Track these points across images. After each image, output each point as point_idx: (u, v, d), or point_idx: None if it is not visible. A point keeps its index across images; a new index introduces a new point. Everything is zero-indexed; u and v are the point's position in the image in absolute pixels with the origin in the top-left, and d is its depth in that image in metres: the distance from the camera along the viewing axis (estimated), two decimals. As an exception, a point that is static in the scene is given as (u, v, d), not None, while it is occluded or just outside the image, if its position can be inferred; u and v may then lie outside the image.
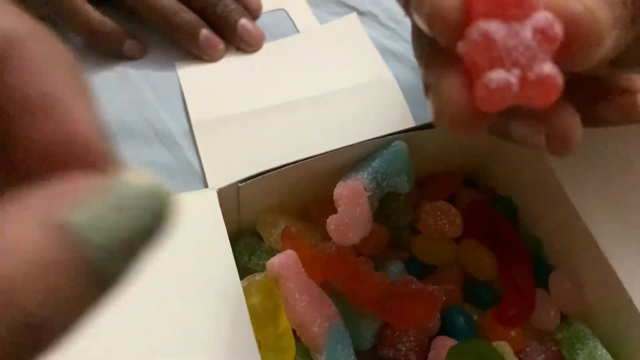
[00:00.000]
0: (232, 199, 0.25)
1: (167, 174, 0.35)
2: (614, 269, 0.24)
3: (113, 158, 0.12)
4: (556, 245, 0.27)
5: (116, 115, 0.37)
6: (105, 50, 0.40)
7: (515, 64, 0.15)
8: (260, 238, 0.28)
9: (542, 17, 0.15)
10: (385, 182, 0.26)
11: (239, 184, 0.25)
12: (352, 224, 0.24)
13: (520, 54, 0.15)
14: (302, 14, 0.43)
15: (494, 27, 0.15)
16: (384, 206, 0.28)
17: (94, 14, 0.39)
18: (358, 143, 0.26)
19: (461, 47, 0.15)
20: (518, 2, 0.15)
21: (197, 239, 0.23)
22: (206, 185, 0.34)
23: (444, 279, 0.28)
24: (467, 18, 0.15)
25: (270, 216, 0.27)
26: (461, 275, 0.28)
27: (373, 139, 0.26)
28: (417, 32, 0.20)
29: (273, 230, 0.27)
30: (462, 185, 0.30)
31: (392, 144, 0.26)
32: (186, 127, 0.37)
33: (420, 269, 0.28)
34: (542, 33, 0.15)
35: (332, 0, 0.44)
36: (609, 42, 0.16)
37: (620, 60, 0.21)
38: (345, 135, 0.32)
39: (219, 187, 0.25)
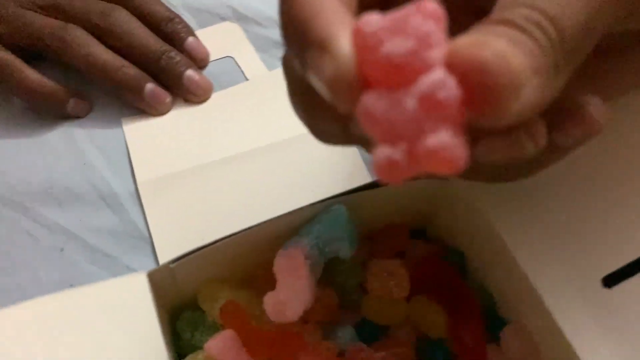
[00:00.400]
0: (166, 278, 0.24)
1: (114, 239, 0.34)
2: (559, 325, 0.23)
3: None
4: (507, 298, 0.27)
5: (61, 180, 0.36)
6: (48, 111, 0.39)
7: (402, 137, 0.14)
8: (204, 312, 0.27)
9: (427, 81, 0.13)
10: (327, 248, 0.25)
11: (171, 265, 0.24)
12: (290, 301, 0.23)
13: (405, 127, 0.14)
14: (250, 61, 0.43)
15: (373, 100, 0.14)
16: (331, 269, 0.27)
17: (33, 76, 0.38)
18: (299, 208, 0.26)
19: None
20: (402, 68, 0.14)
21: (126, 328, 0.22)
22: (154, 250, 0.33)
23: (396, 340, 0.27)
24: (364, 85, 0.14)
25: (212, 289, 0.26)
26: (413, 334, 0.27)
27: (314, 203, 0.26)
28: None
29: (215, 304, 0.26)
30: (410, 238, 0.30)
31: (332, 208, 0.26)
32: (132, 188, 0.36)
33: (372, 331, 0.27)
34: (427, 100, 0.13)
35: (279, 46, 0.44)
36: (531, 91, 0.14)
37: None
38: (292, 193, 0.31)
39: (149, 269, 0.24)
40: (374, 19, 0.14)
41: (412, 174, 0.14)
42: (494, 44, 0.14)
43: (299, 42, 0.16)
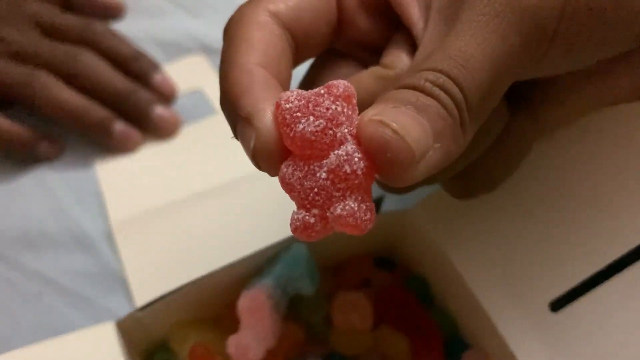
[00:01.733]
0: (135, 325, 0.25)
1: (90, 282, 0.35)
2: (512, 350, 0.24)
3: None
4: (466, 323, 0.28)
5: (34, 224, 0.37)
6: (19, 156, 0.40)
7: (314, 204, 0.16)
8: (176, 353, 0.27)
9: (335, 156, 0.15)
10: (289, 287, 0.26)
11: (137, 314, 0.25)
12: (252, 343, 0.24)
13: (317, 194, 0.16)
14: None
15: (290, 170, 0.16)
16: (296, 304, 0.28)
17: (0, 120, 0.39)
18: (262, 249, 0.27)
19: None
20: (315, 143, 0.15)
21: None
22: (128, 291, 0.34)
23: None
24: (287, 154, 0.16)
25: (181, 330, 0.27)
26: (381, 362, 0.28)
27: (276, 243, 0.27)
28: None
29: (184, 345, 0.27)
30: (374, 268, 0.31)
31: (291, 247, 0.27)
32: (105, 228, 0.37)
33: (340, 361, 0.28)
34: (336, 172, 0.15)
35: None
36: (436, 154, 0.16)
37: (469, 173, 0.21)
38: (260, 229, 0.32)
39: (117, 318, 0.24)
40: (291, 97, 0.16)
41: (325, 234, 0.15)
42: (396, 119, 0.15)
43: (230, 114, 0.17)
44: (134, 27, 0.45)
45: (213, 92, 0.44)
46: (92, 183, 0.39)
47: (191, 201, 0.36)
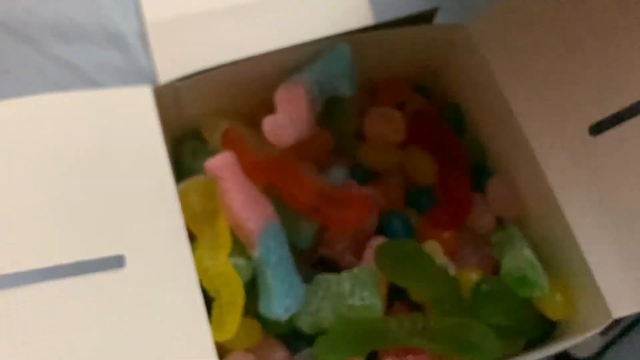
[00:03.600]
0: (171, 99, 0.25)
1: (119, 78, 0.35)
2: (547, 178, 0.24)
3: None
4: (498, 153, 0.28)
5: (67, 15, 0.36)
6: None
7: None
8: (206, 141, 0.28)
9: None
10: (328, 86, 0.26)
11: (176, 83, 0.24)
12: (288, 126, 0.24)
13: None
14: None
15: None
16: (329, 112, 0.27)
17: None
18: (302, 43, 0.26)
19: None
20: None
21: (129, 136, 0.23)
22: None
23: (387, 185, 0.28)
24: None
25: (213, 119, 0.27)
26: (404, 182, 0.29)
27: (316, 39, 0.26)
28: None
29: (215, 134, 0.27)
30: (412, 93, 0.30)
31: (336, 46, 0.26)
32: (139, 28, 0.36)
33: (364, 176, 0.29)
34: None
35: None
36: None
37: None
38: (296, 31, 0.31)
39: (157, 86, 0.24)
40: None
41: None
42: None
43: None
44: None
45: None
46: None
47: (231, 13, 0.35)
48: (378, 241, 0.25)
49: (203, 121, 0.27)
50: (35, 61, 0.35)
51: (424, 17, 0.27)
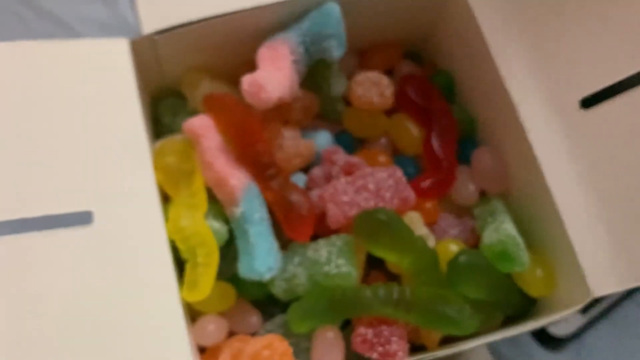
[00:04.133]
0: (150, 53, 0.24)
1: (103, 33, 0.34)
2: (535, 152, 0.23)
3: None
4: (487, 123, 0.27)
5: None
6: None
7: None
8: (185, 99, 0.27)
9: None
10: (314, 47, 0.25)
11: (154, 36, 0.23)
12: (267, 85, 0.23)
13: None
14: None
15: None
16: (315, 74, 0.27)
17: None
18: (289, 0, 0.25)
19: None
20: None
21: (104, 89, 0.22)
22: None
23: (372, 152, 0.27)
24: None
25: (195, 75, 0.26)
26: (390, 149, 0.28)
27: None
28: None
29: (196, 92, 0.26)
30: (403, 58, 0.29)
31: (324, 4, 0.25)
32: (125, -18, 0.35)
33: (350, 141, 0.28)
34: None
35: None
36: None
37: None
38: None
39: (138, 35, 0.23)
40: None
41: None
42: None
43: None
44: None
45: None
46: None
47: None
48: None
49: (183, 78, 0.26)
50: (18, 10, 0.34)
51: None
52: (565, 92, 0.23)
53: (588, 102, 0.22)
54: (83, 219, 0.20)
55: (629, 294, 0.31)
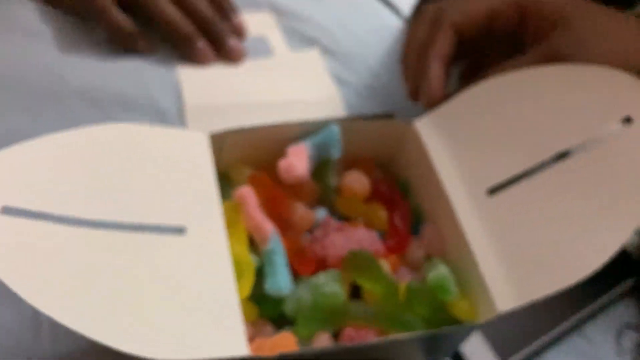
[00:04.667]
0: (216, 145, 0.37)
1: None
2: (462, 227, 0.36)
3: None
4: (429, 209, 0.40)
5: (128, 89, 0.49)
6: (124, 45, 0.52)
7: None
8: (231, 179, 0.39)
9: None
10: (320, 151, 0.39)
11: (223, 133, 0.37)
12: (296, 166, 0.36)
13: None
14: (277, 42, 0.57)
15: None
16: (318, 169, 0.40)
17: (120, 16, 0.51)
18: (306, 122, 0.39)
19: None
20: None
21: (193, 163, 0.35)
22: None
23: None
24: None
25: (240, 165, 0.39)
26: (367, 225, 0.41)
27: (316, 120, 0.39)
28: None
29: (241, 177, 0.39)
30: (375, 168, 0.43)
31: (329, 125, 0.39)
32: (178, 107, 0.49)
33: (339, 219, 0.40)
34: None
35: (302, 38, 0.58)
36: None
37: None
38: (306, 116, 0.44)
39: (211, 132, 0.37)
40: None
41: None
42: None
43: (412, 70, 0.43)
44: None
45: (274, 40, 0.57)
46: (173, 77, 0.51)
47: (258, 108, 0.48)
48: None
49: (230, 167, 0.39)
50: (101, 121, 0.47)
51: (388, 116, 0.41)
52: (478, 183, 0.37)
53: (493, 190, 0.36)
54: (178, 230, 0.31)
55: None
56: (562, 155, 0.35)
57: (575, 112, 0.36)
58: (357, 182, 0.40)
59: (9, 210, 0.28)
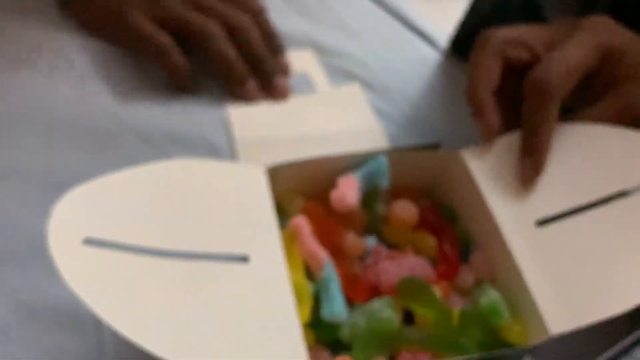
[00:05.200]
0: (274, 176, 0.39)
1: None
2: (513, 254, 0.37)
3: None
4: (479, 236, 0.41)
5: (180, 127, 0.51)
6: (181, 86, 0.54)
7: None
8: (284, 210, 0.41)
9: None
10: (369, 181, 0.40)
11: (277, 166, 0.39)
12: (348, 195, 0.38)
13: None
14: (319, 78, 0.59)
15: None
16: (367, 199, 0.41)
17: (180, 59, 0.53)
18: (356, 154, 0.41)
19: None
20: None
21: (251, 194, 0.37)
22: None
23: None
24: None
25: (291, 195, 0.41)
26: (416, 254, 0.42)
27: (365, 152, 0.41)
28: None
29: (293, 207, 0.40)
30: (419, 195, 0.45)
31: (377, 156, 0.41)
32: (227, 142, 0.51)
33: (387, 247, 0.42)
34: None
35: (343, 73, 0.60)
36: None
37: None
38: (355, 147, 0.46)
39: (266, 165, 0.39)
40: None
41: None
42: None
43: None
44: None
45: (316, 76, 0.59)
46: (222, 114, 0.53)
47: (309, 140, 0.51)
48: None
49: (282, 198, 0.41)
50: (155, 159, 0.49)
51: (433, 146, 0.43)
52: (528, 214, 0.38)
53: (542, 222, 0.37)
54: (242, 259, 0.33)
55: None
56: (619, 195, 0.37)
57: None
58: (406, 210, 0.42)
59: (90, 241, 0.30)
